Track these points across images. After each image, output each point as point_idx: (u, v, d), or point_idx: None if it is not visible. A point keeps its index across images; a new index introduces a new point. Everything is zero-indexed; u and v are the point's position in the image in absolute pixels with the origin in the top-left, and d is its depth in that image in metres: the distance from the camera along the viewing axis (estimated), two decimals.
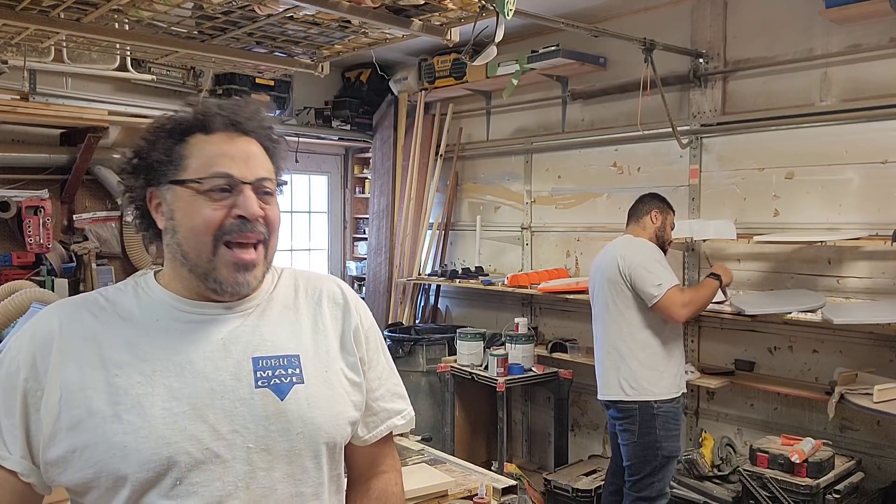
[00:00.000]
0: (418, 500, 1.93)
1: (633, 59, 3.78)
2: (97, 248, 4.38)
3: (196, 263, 1.07)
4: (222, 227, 1.06)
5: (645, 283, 3.00)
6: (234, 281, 1.07)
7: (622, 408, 3.09)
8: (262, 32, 2.74)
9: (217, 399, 1.03)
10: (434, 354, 4.55)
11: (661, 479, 3.09)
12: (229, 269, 1.07)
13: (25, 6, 2.39)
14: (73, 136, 4.32)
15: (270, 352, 1.10)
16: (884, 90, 3.21)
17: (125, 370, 1.02)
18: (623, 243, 3.19)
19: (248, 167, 1.08)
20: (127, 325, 1.06)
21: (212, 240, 1.05)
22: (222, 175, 1.06)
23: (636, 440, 3.06)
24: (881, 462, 3.25)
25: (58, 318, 1.05)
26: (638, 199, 3.32)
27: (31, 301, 3.00)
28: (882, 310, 3.01)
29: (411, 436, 2.53)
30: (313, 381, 1.11)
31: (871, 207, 3.26)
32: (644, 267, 3.03)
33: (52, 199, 4.25)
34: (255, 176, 1.08)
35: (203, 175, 1.06)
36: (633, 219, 3.29)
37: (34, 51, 3.80)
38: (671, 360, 3.11)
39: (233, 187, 1.06)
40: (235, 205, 1.06)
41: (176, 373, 1.03)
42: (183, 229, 1.07)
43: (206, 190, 1.05)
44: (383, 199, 5.43)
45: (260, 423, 1.05)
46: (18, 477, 1.00)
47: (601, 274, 3.21)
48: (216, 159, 1.07)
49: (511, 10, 2.26)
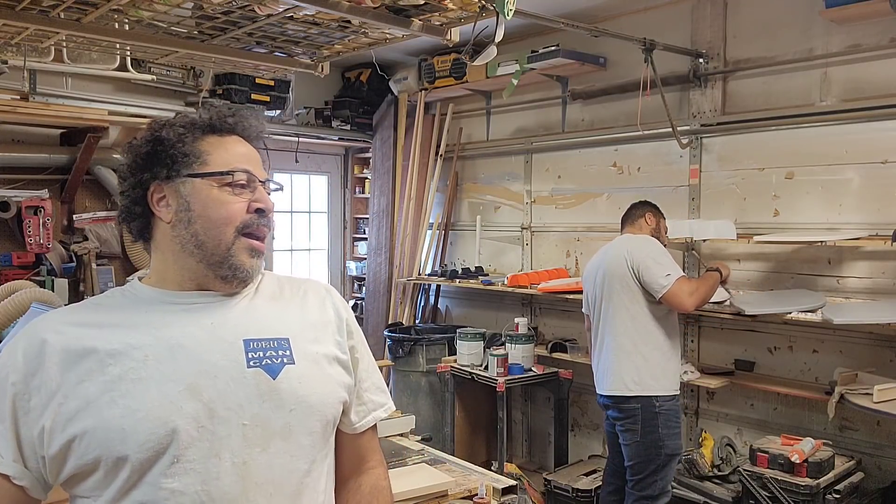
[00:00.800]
0: (418, 500, 1.93)
1: (633, 59, 3.78)
2: (97, 248, 4.38)
3: (213, 252, 1.13)
4: (243, 219, 1.15)
5: (654, 275, 3.03)
6: (249, 266, 1.15)
7: (624, 407, 3.09)
8: (262, 32, 2.74)
9: (210, 379, 1.06)
10: (434, 354, 4.55)
11: (663, 477, 3.09)
12: (247, 255, 1.15)
13: (25, 6, 2.39)
14: (73, 136, 4.31)
15: (261, 334, 1.14)
16: (884, 90, 3.21)
17: (118, 359, 1.05)
18: (626, 240, 3.23)
19: (258, 168, 1.20)
20: (117, 321, 1.10)
21: (234, 230, 1.14)
22: (246, 171, 1.16)
23: (639, 439, 3.06)
24: (881, 462, 3.25)
25: (48, 323, 1.09)
26: (630, 207, 3.41)
27: (31, 301, 2.99)
28: (882, 310, 3.01)
29: (411, 436, 2.53)
30: (303, 363, 1.15)
31: (871, 207, 3.26)
32: (652, 258, 3.07)
33: (52, 199, 4.25)
34: (264, 176, 1.21)
35: (227, 170, 1.15)
36: (627, 223, 3.36)
37: (34, 51, 3.80)
38: (672, 358, 3.13)
39: (250, 183, 1.17)
40: (255, 199, 1.16)
41: (168, 357, 1.06)
42: (202, 220, 1.13)
43: (227, 184, 1.15)
44: (383, 199, 5.43)
45: (253, 401, 1.08)
46: (11, 481, 1.02)
47: (602, 272, 3.21)
48: (236, 157, 1.17)
49: (511, 10, 2.26)
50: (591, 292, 3.35)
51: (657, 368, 3.07)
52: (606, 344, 3.18)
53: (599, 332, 3.25)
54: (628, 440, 3.11)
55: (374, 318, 5.33)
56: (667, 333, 3.12)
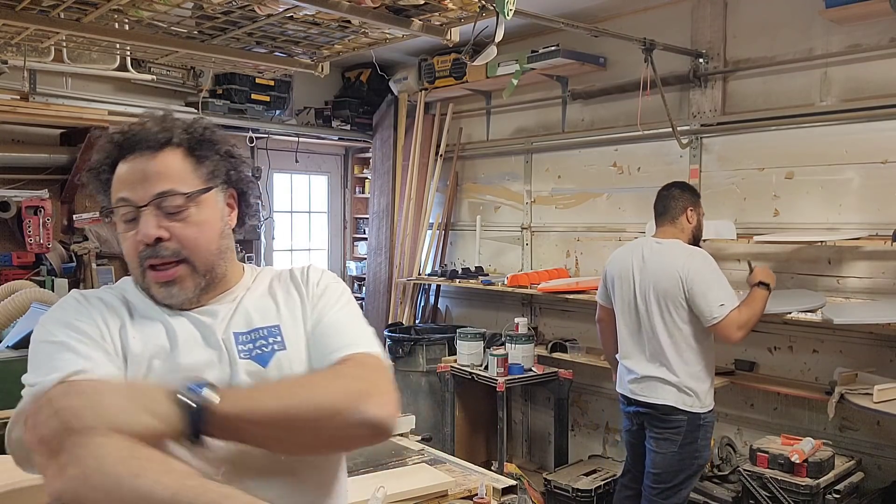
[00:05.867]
0: (418, 500, 1.93)
1: (633, 59, 3.77)
2: (97, 248, 4.38)
3: (140, 286, 1.15)
4: (139, 253, 1.11)
5: (708, 303, 2.82)
6: (164, 296, 1.12)
7: (668, 418, 2.92)
8: (262, 32, 2.74)
9: (205, 371, 1.08)
10: (434, 354, 4.55)
11: (689, 486, 2.99)
12: (156, 286, 1.12)
13: (25, 6, 2.39)
14: (73, 136, 4.32)
15: (247, 327, 1.15)
16: (884, 90, 3.21)
17: (134, 343, 1.10)
18: (678, 252, 2.94)
19: (144, 188, 1.09)
20: (135, 311, 1.14)
21: (138, 265, 1.12)
22: (121, 201, 1.10)
23: (676, 450, 2.91)
24: (881, 462, 3.25)
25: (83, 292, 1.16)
26: (667, 195, 3.06)
27: (31, 301, 2.99)
28: (882, 310, 3.01)
29: (411, 436, 2.53)
30: (295, 347, 1.16)
31: (871, 207, 3.26)
32: (707, 285, 2.84)
33: (52, 199, 4.25)
34: (150, 195, 1.09)
35: (107, 207, 1.13)
36: (667, 219, 3.04)
37: (34, 51, 3.80)
38: (712, 371, 3.00)
39: (136, 214, 1.10)
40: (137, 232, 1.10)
41: (163, 356, 1.09)
42: (124, 256, 1.15)
43: (121, 220, 1.12)
44: (383, 199, 5.43)
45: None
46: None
47: (650, 279, 2.96)
48: (117, 186, 1.12)
49: (511, 10, 2.26)
50: (624, 290, 3.07)
51: (704, 385, 2.93)
52: (654, 355, 2.96)
53: (642, 337, 3.00)
54: (664, 449, 2.95)
55: (374, 318, 5.33)
56: (710, 348, 2.97)
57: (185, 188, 1.11)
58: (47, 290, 3.41)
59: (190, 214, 1.11)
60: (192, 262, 1.11)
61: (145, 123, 1.13)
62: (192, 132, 1.14)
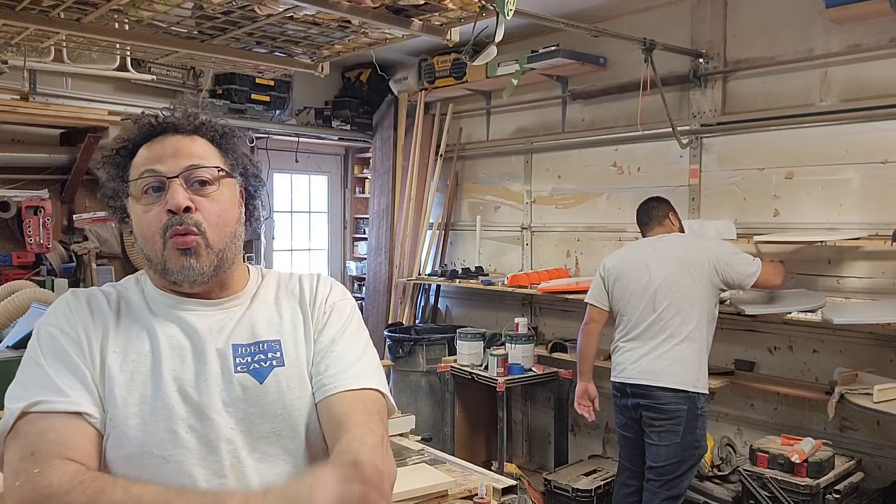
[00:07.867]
0: (418, 500, 1.93)
1: (633, 59, 3.78)
2: (97, 248, 4.38)
3: (156, 262, 1.13)
4: (162, 224, 1.11)
5: (743, 266, 3.05)
6: (180, 266, 1.11)
7: (668, 409, 3.00)
8: (262, 32, 2.74)
9: (201, 382, 1.08)
10: (434, 354, 4.55)
11: (690, 476, 3.09)
12: (175, 255, 1.11)
13: (25, 6, 2.39)
14: (73, 136, 4.31)
15: (250, 339, 1.14)
16: (884, 90, 3.21)
17: (113, 359, 1.08)
18: (692, 239, 3.23)
19: (175, 160, 1.13)
20: (124, 316, 1.14)
21: (160, 236, 1.11)
22: (148, 172, 1.12)
23: (678, 440, 3.00)
24: (881, 462, 3.25)
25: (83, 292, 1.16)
26: (647, 207, 3.29)
27: (31, 301, 2.99)
28: (882, 310, 3.01)
29: (411, 436, 2.53)
30: (294, 366, 1.14)
31: (871, 207, 3.26)
32: (729, 253, 3.09)
33: (52, 199, 4.25)
34: (180, 167, 1.12)
35: (134, 177, 1.13)
36: (654, 223, 3.25)
37: (34, 51, 3.80)
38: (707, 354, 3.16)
39: (163, 184, 1.11)
40: (166, 200, 1.11)
41: (143, 371, 1.08)
42: (140, 236, 1.14)
43: (142, 193, 1.12)
44: (383, 199, 5.43)
45: (239, 405, 1.09)
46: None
47: (670, 263, 3.06)
48: (144, 162, 1.14)
49: (511, 10, 2.26)
50: (637, 281, 3.12)
51: (705, 364, 3.08)
52: (680, 342, 3.02)
53: (651, 329, 3.07)
54: (668, 441, 3.02)
55: (374, 318, 5.33)
56: (712, 332, 3.14)
57: (209, 164, 1.15)
58: (47, 290, 3.42)
59: (214, 192, 1.14)
60: (208, 238, 1.12)
61: (174, 112, 1.17)
62: (218, 127, 1.20)
